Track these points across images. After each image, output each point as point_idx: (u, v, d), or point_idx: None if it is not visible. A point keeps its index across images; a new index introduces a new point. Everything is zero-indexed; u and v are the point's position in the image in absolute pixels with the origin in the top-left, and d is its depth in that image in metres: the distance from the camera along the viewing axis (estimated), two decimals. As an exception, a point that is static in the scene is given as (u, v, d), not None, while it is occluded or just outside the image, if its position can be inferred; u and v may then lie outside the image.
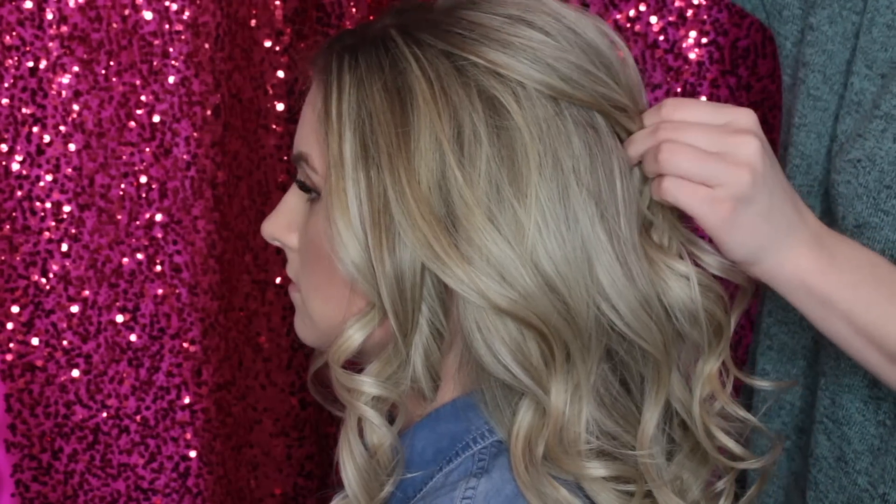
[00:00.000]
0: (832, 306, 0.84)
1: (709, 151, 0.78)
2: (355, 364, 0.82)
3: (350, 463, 0.80)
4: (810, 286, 0.83)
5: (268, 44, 1.51)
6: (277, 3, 1.50)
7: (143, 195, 1.58)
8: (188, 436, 1.66)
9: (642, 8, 1.48)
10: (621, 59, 0.83)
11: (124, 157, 1.57)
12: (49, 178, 1.56)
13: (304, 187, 0.84)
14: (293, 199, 0.86)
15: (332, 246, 0.78)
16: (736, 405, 0.85)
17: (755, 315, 1.22)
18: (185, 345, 1.63)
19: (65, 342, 1.61)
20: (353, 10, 1.51)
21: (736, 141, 0.79)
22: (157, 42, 1.54)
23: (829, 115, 1.05)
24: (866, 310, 0.84)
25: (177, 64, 1.55)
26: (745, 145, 0.79)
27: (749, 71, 1.51)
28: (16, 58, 1.53)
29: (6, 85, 1.53)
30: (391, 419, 0.82)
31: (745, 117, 0.80)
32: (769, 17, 1.13)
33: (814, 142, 1.06)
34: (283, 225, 0.87)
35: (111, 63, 1.54)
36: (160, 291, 1.61)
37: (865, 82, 1.02)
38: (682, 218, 0.83)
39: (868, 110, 1.01)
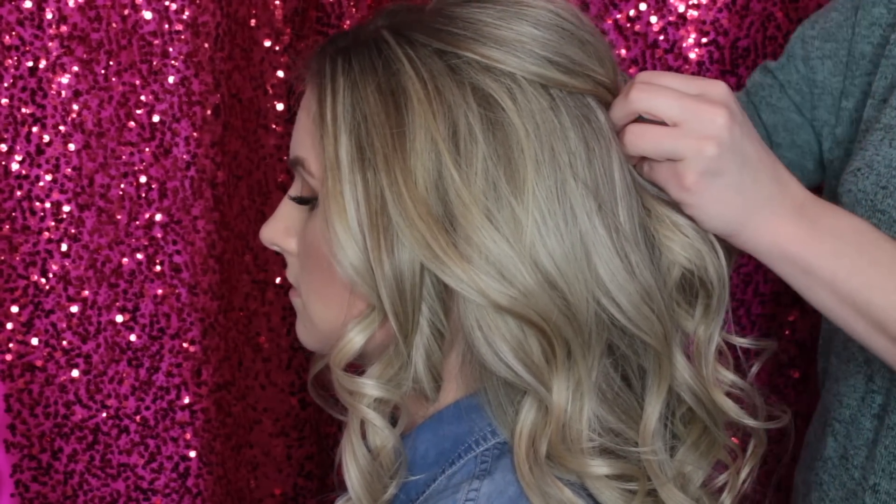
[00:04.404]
0: (815, 275, 0.84)
1: (673, 124, 0.79)
2: (356, 366, 0.82)
3: (353, 465, 0.80)
4: (791, 255, 0.83)
5: (267, 44, 1.51)
6: (277, 3, 1.50)
7: (143, 195, 1.58)
8: (188, 436, 1.66)
9: (642, 7, 1.48)
10: (600, 37, 0.83)
11: (124, 157, 1.57)
12: (49, 177, 1.56)
13: (301, 200, 0.84)
14: (291, 204, 0.86)
15: (330, 249, 0.78)
16: (726, 370, 0.85)
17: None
18: (185, 345, 1.63)
19: (64, 342, 1.61)
20: (353, 10, 1.51)
21: (703, 111, 0.79)
22: (156, 42, 1.54)
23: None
24: (849, 277, 0.83)
25: (176, 64, 1.54)
26: (712, 116, 0.79)
27: (749, 71, 1.51)
28: (15, 57, 1.52)
29: (6, 85, 1.53)
30: (394, 421, 0.82)
31: (718, 89, 0.80)
32: (819, 144, 1.19)
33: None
34: (281, 230, 0.87)
35: (111, 63, 1.54)
36: (160, 291, 1.61)
37: (870, 110, 1.04)
38: None
39: (869, 126, 1.03)
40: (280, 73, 1.51)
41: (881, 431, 1.03)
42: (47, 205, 1.57)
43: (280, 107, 1.52)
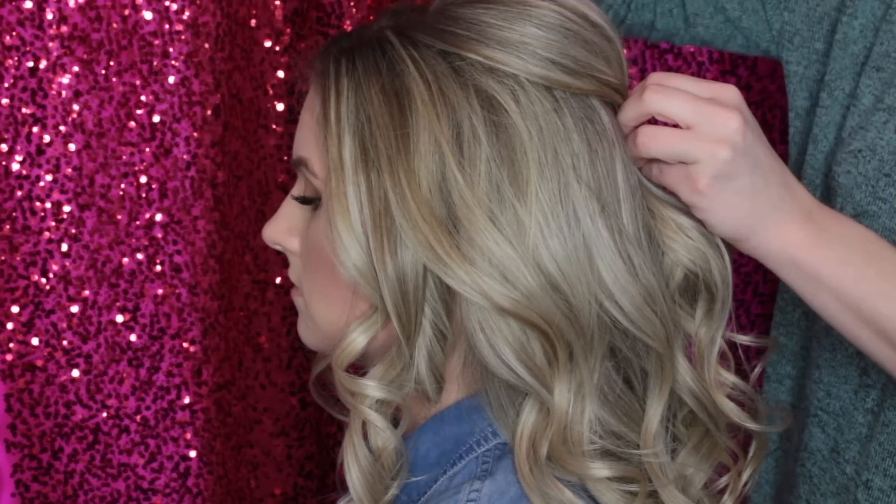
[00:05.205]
0: (820, 281, 0.84)
1: (686, 126, 0.79)
2: (358, 367, 0.82)
3: (354, 466, 0.80)
4: (798, 261, 0.83)
5: (268, 44, 1.51)
6: (277, 3, 1.50)
7: (143, 195, 1.58)
8: (188, 436, 1.66)
9: (642, 8, 1.48)
10: (610, 36, 0.83)
11: (124, 157, 1.57)
12: (49, 178, 1.56)
13: (304, 200, 0.84)
14: (294, 204, 0.86)
15: (333, 250, 0.78)
16: (728, 372, 0.85)
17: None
18: (185, 345, 1.63)
19: (65, 342, 1.61)
20: (354, 10, 1.51)
21: (717, 115, 0.79)
22: (157, 42, 1.54)
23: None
24: (854, 285, 0.83)
25: (177, 64, 1.55)
26: (726, 120, 0.79)
27: (749, 71, 1.51)
28: (16, 58, 1.53)
29: (6, 85, 1.53)
30: (395, 422, 0.82)
31: (730, 93, 0.80)
32: (778, 47, 1.15)
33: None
34: (283, 229, 0.87)
35: (111, 63, 1.54)
36: (160, 291, 1.61)
37: (863, 78, 1.03)
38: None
39: (870, 104, 1.02)
40: (280, 74, 1.51)
41: (875, 427, 1.03)
42: (48, 205, 1.57)
43: (280, 107, 1.52)
